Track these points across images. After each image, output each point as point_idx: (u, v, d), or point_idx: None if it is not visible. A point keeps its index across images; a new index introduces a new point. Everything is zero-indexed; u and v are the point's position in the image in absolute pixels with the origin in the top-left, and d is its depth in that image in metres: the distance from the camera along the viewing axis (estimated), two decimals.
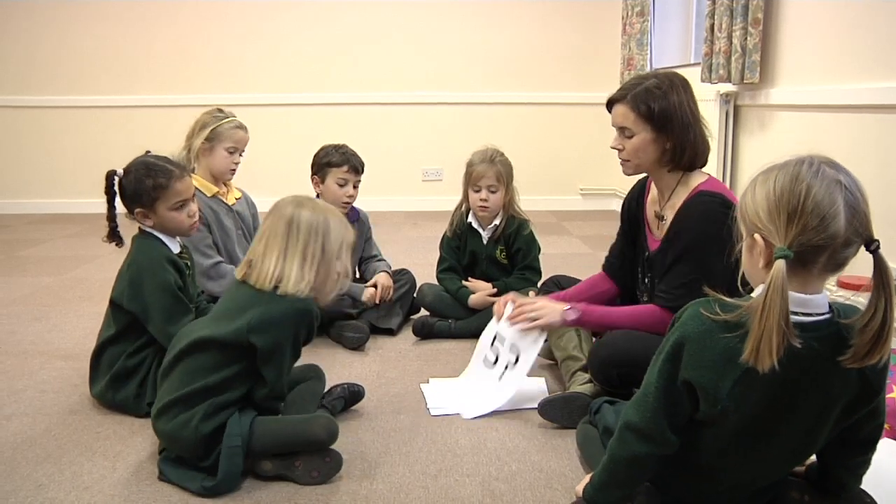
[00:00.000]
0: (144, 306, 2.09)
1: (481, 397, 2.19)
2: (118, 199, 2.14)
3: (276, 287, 1.75)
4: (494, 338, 2.25)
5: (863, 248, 1.19)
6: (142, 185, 2.08)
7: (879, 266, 1.17)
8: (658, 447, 1.31)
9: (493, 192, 2.83)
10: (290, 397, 1.99)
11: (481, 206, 2.85)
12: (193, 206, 2.18)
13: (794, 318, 1.15)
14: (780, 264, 1.12)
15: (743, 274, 1.28)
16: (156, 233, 2.15)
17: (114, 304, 2.16)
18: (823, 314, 1.20)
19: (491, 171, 2.81)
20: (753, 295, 1.23)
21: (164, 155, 2.19)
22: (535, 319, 2.11)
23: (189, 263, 2.25)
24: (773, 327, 1.11)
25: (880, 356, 1.17)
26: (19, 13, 5.73)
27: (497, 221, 2.91)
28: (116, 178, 2.12)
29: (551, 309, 2.10)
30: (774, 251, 1.14)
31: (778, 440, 1.27)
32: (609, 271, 2.33)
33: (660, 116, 1.95)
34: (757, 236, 1.19)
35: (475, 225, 2.93)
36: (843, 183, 1.16)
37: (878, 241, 1.18)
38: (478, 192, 2.83)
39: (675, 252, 1.95)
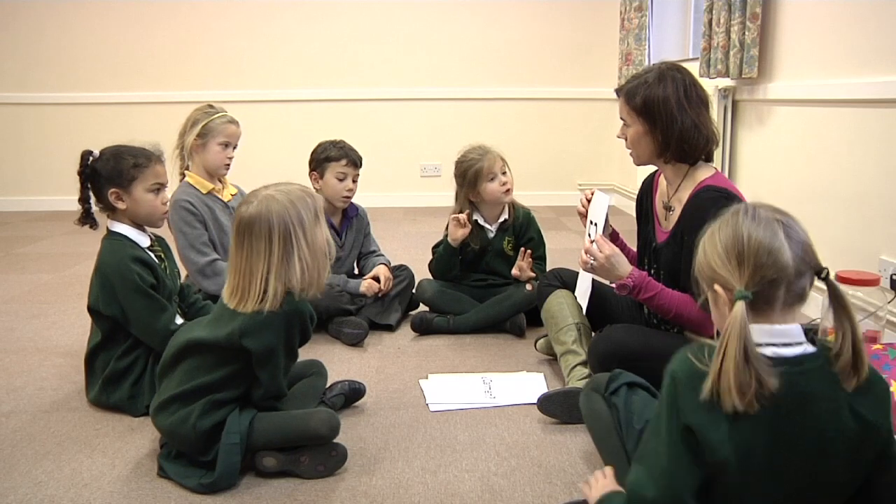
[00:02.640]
0: (121, 309, 2.08)
1: (581, 287, 2.26)
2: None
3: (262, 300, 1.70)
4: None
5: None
6: (121, 163, 2.07)
7: (833, 292, 1.20)
8: None
9: (506, 174, 2.86)
10: (291, 392, 1.98)
11: (507, 190, 2.86)
12: (166, 195, 2.18)
13: (773, 350, 1.17)
14: (739, 306, 1.15)
15: None
16: (123, 230, 2.13)
17: (92, 311, 2.14)
18: (802, 343, 1.20)
19: (497, 157, 2.84)
20: None
21: (139, 146, 2.18)
22: (593, 267, 2.04)
23: (163, 255, 2.23)
24: (731, 367, 1.12)
25: (862, 372, 1.17)
26: (19, 11, 5.71)
27: (505, 215, 2.93)
28: (91, 159, 2.10)
29: (614, 271, 2.02)
30: (735, 294, 1.17)
31: (787, 494, 1.21)
32: None
33: (643, 109, 1.99)
34: (717, 287, 1.22)
35: (481, 221, 2.94)
36: (779, 220, 1.20)
37: (826, 268, 1.20)
38: (494, 179, 2.83)
39: (691, 247, 1.95)
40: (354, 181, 2.94)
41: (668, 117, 1.97)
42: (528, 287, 2.79)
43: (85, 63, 5.79)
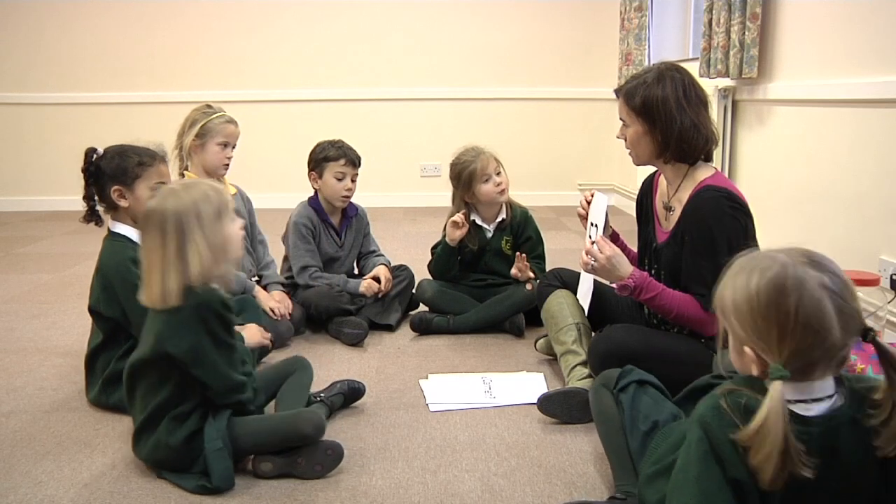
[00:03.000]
0: (122, 311, 2.07)
1: (583, 288, 2.26)
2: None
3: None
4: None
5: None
6: (126, 161, 2.08)
7: (882, 352, 1.10)
8: None
9: (500, 174, 2.86)
10: (281, 392, 1.98)
11: (501, 190, 2.86)
12: None
13: (801, 406, 1.10)
14: (777, 387, 1.04)
15: None
16: (125, 231, 2.13)
17: (93, 312, 2.14)
18: (831, 396, 1.12)
19: (491, 158, 2.85)
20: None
21: (142, 145, 2.18)
22: (594, 268, 2.04)
23: None
24: (773, 452, 1.04)
25: None
26: (19, 11, 5.71)
27: (503, 215, 2.93)
28: (95, 156, 2.10)
29: (615, 272, 2.02)
30: (770, 370, 1.07)
31: None
32: None
33: (642, 109, 1.99)
34: (747, 349, 1.11)
35: (479, 221, 2.94)
36: (828, 286, 1.07)
37: (872, 330, 1.10)
38: (488, 181, 2.84)
39: (691, 246, 1.95)
40: (353, 181, 2.94)
41: (668, 117, 1.97)
42: (528, 287, 2.79)
43: (85, 63, 5.79)
